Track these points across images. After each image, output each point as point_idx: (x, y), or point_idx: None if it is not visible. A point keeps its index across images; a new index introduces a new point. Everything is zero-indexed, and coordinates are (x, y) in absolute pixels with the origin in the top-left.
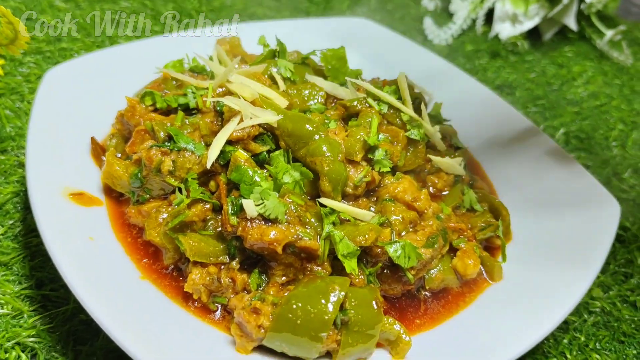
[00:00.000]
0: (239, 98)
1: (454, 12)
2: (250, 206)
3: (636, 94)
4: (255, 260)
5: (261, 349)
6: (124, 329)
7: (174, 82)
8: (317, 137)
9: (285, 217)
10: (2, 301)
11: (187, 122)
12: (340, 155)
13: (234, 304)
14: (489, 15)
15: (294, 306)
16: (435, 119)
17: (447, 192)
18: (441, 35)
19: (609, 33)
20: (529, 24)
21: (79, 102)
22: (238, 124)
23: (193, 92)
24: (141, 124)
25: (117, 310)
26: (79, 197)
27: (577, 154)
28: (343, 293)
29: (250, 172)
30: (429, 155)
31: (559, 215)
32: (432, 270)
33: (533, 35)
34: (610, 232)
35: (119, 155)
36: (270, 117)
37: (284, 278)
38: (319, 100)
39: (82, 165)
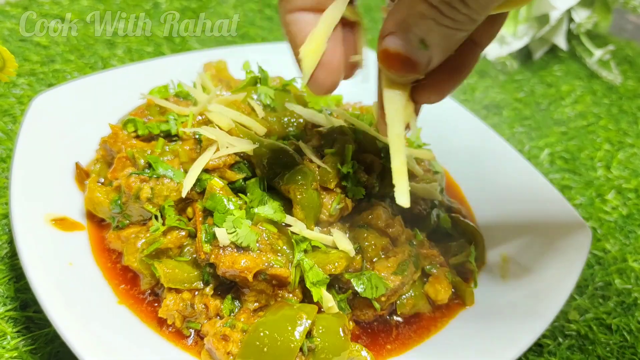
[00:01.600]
0: (216, 127)
1: None
2: (222, 234)
3: (624, 113)
4: (229, 287)
5: None
6: (94, 353)
7: (158, 109)
8: (292, 165)
9: (257, 245)
10: None
11: (167, 149)
12: (314, 183)
13: (207, 329)
14: None
15: (261, 334)
16: (415, 143)
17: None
18: None
19: (597, 52)
20: (517, 44)
21: (65, 128)
22: (214, 152)
23: (175, 119)
24: (123, 150)
25: (92, 335)
26: (60, 222)
27: (562, 175)
28: (310, 321)
29: (225, 200)
30: None
31: (532, 241)
32: (404, 296)
33: (523, 54)
34: (581, 258)
35: (102, 180)
36: (246, 147)
37: (256, 304)
38: (298, 128)
39: (66, 190)
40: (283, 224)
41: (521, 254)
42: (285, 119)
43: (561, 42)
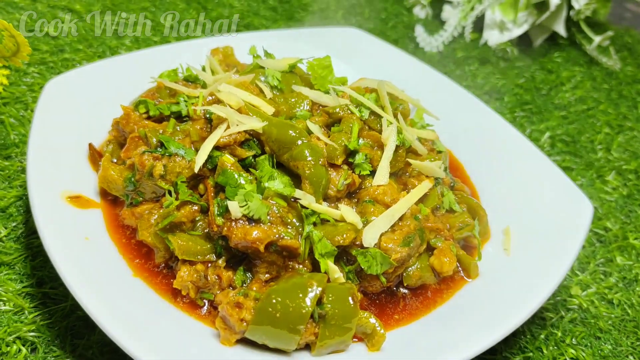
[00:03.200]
0: (226, 106)
1: (445, 20)
2: (234, 207)
3: (624, 98)
4: (241, 259)
5: (244, 341)
6: (115, 324)
7: (168, 91)
8: (299, 142)
9: (268, 217)
10: (4, 298)
11: (179, 129)
12: (321, 159)
13: (220, 299)
14: (480, 23)
15: (274, 300)
16: (419, 124)
17: (427, 194)
18: (432, 43)
19: (597, 39)
20: (518, 31)
21: (78, 111)
22: (225, 130)
23: (185, 101)
24: (135, 131)
25: (110, 306)
26: (76, 200)
27: (562, 157)
28: (320, 289)
29: (236, 176)
30: (408, 159)
31: (534, 214)
32: (410, 268)
33: (523, 41)
34: (582, 229)
35: (115, 160)
36: (255, 124)
37: (267, 275)
38: (305, 108)
39: (80, 170)
40: (292, 198)
41: (523, 228)
42: (293, 100)
43: (560, 29)
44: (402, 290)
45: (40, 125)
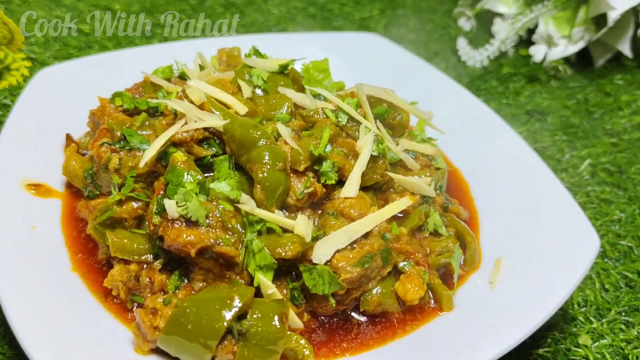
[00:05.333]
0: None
1: (495, 33)
2: (171, 206)
3: None
4: (179, 263)
5: (160, 352)
6: (24, 314)
7: (153, 86)
8: (260, 143)
9: (207, 221)
10: None
11: (148, 124)
12: (280, 163)
13: (147, 303)
14: (532, 38)
15: (188, 310)
16: (419, 137)
17: (408, 213)
18: (476, 57)
19: None
20: (572, 48)
21: (67, 102)
22: (182, 126)
23: (164, 96)
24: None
25: (25, 299)
26: (36, 188)
27: (602, 188)
28: (241, 303)
29: (186, 175)
30: (388, 172)
31: (533, 247)
32: (369, 292)
33: (583, 60)
34: (581, 267)
35: (86, 152)
36: (215, 122)
37: (203, 284)
38: (285, 111)
39: (53, 160)
40: (238, 202)
41: (518, 261)
42: (274, 101)
43: (626, 48)
44: (359, 316)
45: (21, 111)
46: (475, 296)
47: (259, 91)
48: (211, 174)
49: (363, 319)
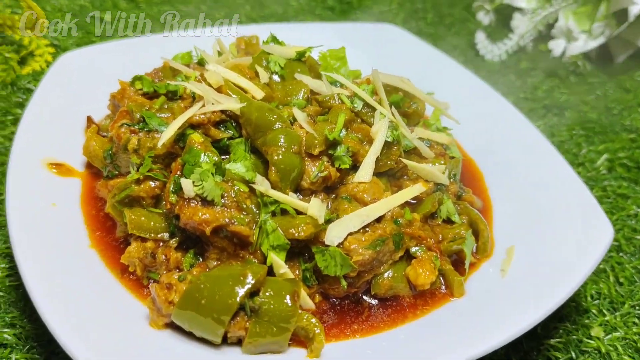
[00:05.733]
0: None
1: (514, 28)
2: (188, 185)
3: None
4: (195, 242)
5: (174, 327)
6: (44, 288)
7: (173, 72)
8: (276, 127)
9: (223, 200)
10: None
11: (166, 107)
12: (294, 146)
13: (163, 280)
14: (551, 33)
15: (202, 286)
16: (434, 126)
17: (422, 199)
18: (494, 51)
19: None
20: (592, 44)
21: (87, 86)
22: (200, 108)
23: (182, 80)
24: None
25: (45, 273)
26: (58, 167)
27: (619, 183)
28: (254, 280)
29: (203, 155)
30: (402, 159)
31: (546, 236)
32: (380, 276)
33: (604, 56)
34: (593, 256)
35: (106, 134)
36: (232, 105)
37: (217, 262)
38: (302, 97)
39: (74, 141)
40: (253, 183)
41: (531, 249)
42: (290, 87)
43: None
44: (370, 299)
45: (43, 94)
46: (486, 283)
47: (276, 77)
48: (227, 156)
49: (374, 302)
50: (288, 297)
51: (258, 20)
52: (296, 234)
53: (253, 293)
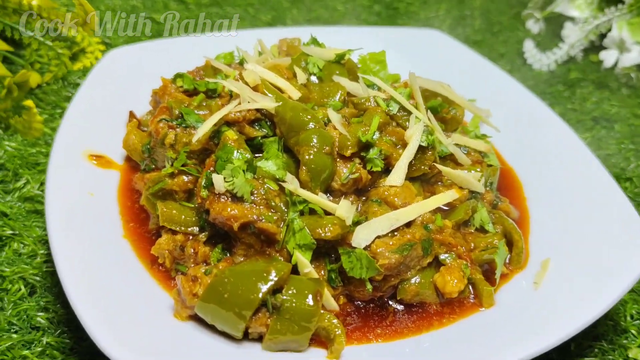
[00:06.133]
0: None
1: (565, 37)
2: (219, 181)
3: None
4: (224, 237)
5: (198, 319)
6: (75, 274)
7: (214, 71)
8: (310, 127)
9: (252, 197)
10: (26, 242)
11: (205, 104)
12: (326, 147)
13: (190, 272)
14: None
15: (225, 279)
16: (472, 133)
17: (455, 206)
18: (543, 60)
19: None
20: None
21: (131, 82)
22: (236, 106)
23: (222, 79)
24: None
25: (79, 258)
26: (98, 159)
27: None
28: (277, 277)
29: (236, 152)
30: (436, 164)
31: (584, 249)
32: (407, 281)
33: None
34: (633, 273)
35: (146, 129)
36: (267, 103)
37: (244, 258)
38: (338, 99)
39: (115, 135)
40: (284, 182)
41: (567, 264)
42: (327, 89)
43: None
44: (396, 304)
45: (89, 88)
46: (517, 295)
47: (314, 78)
48: (261, 154)
49: (399, 307)
50: (310, 296)
51: (304, 23)
52: (323, 234)
53: (276, 290)
